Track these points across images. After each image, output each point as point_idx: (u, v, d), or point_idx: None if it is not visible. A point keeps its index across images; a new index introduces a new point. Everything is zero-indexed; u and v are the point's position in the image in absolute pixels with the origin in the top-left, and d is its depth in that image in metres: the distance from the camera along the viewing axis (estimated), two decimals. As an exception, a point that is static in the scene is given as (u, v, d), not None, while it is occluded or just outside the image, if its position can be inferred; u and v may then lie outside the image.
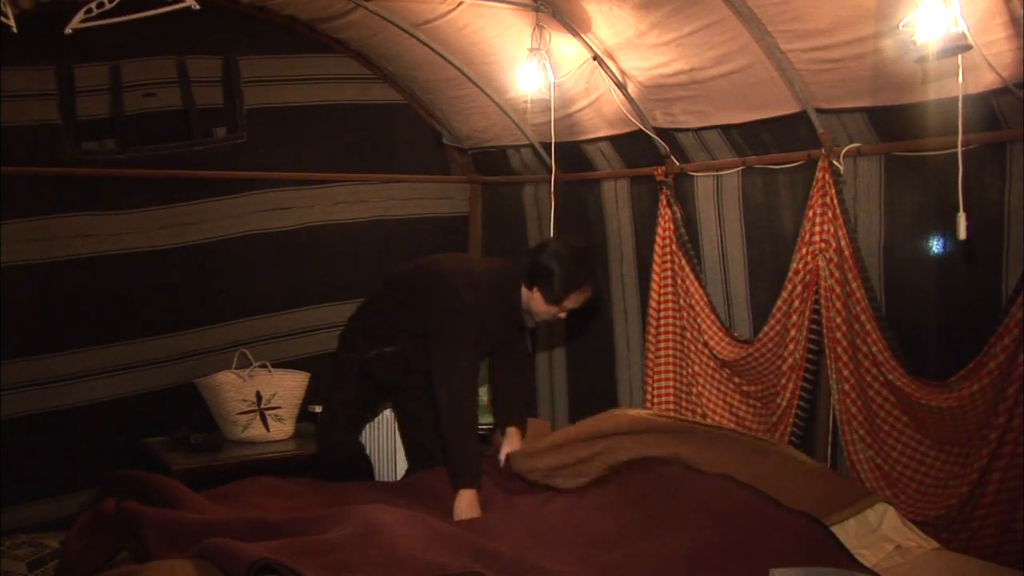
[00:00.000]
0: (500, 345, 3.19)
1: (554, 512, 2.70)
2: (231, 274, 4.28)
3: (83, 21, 2.54)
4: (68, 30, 2.54)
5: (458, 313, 2.90)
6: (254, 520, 2.44)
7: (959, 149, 2.37)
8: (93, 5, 2.52)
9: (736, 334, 3.42)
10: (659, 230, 3.67)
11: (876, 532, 2.61)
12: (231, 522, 2.40)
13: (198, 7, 2.46)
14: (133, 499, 2.56)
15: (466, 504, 2.76)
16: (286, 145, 4.39)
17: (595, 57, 3.43)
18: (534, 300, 2.96)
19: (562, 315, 3.00)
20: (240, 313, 4.30)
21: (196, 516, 2.46)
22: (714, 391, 3.53)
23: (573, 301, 2.95)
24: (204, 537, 2.23)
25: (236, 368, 3.99)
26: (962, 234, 2.39)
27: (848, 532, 2.58)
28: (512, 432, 3.18)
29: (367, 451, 3.55)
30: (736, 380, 3.45)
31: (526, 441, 3.16)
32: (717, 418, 3.52)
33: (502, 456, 3.07)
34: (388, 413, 3.74)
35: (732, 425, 3.48)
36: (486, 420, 4.15)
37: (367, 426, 3.83)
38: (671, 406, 3.72)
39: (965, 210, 2.37)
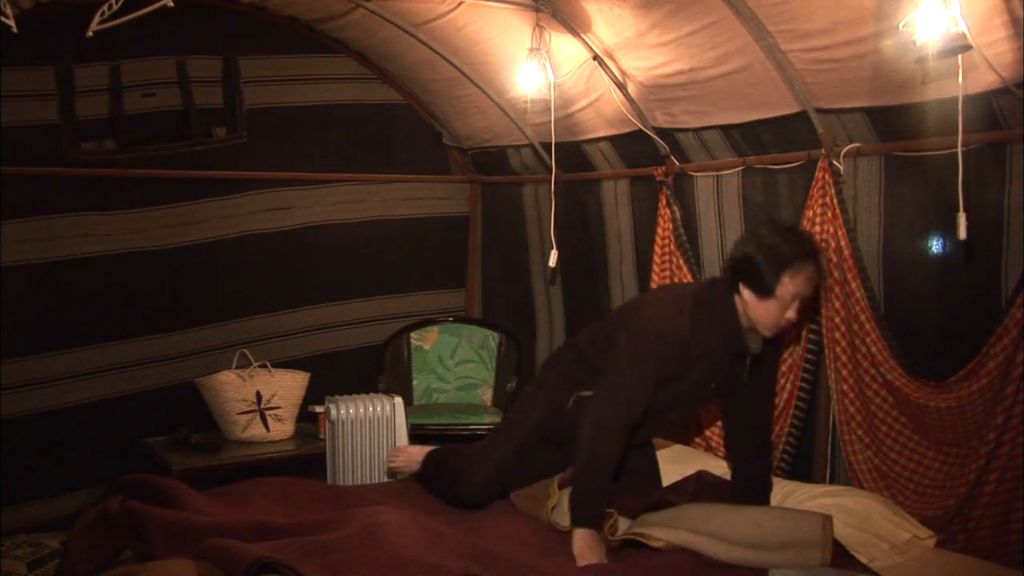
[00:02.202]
0: (733, 387, 2.58)
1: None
2: (231, 274, 4.29)
3: (100, 23, 2.56)
4: (89, 33, 2.57)
5: (645, 337, 2.43)
6: (257, 522, 2.44)
7: (959, 149, 2.36)
8: (105, 7, 2.54)
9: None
10: (659, 230, 3.67)
11: (868, 528, 2.61)
12: (234, 524, 2.40)
13: (172, 4, 2.46)
14: (137, 499, 2.56)
15: (586, 545, 2.35)
16: (286, 145, 4.39)
17: (595, 57, 3.43)
18: (749, 305, 2.39)
19: (791, 315, 2.38)
20: (240, 313, 4.31)
21: (200, 517, 2.46)
22: (709, 392, 3.53)
23: (792, 286, 2.33)
24: (207, 538, 2.23)
25: (236, 368, 3.99)
26: (962, 234, 2.39)
27: (850, 532, 2.58)
28: None
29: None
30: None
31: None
32: (710, 419, 3.52)
33: None
34: (388, 409, 3.73)
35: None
36: (487, 420, 4.15)
37: (366, 423, 3.80)
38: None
39: (965, 210, 2.37)
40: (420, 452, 3.03)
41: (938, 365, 2.72)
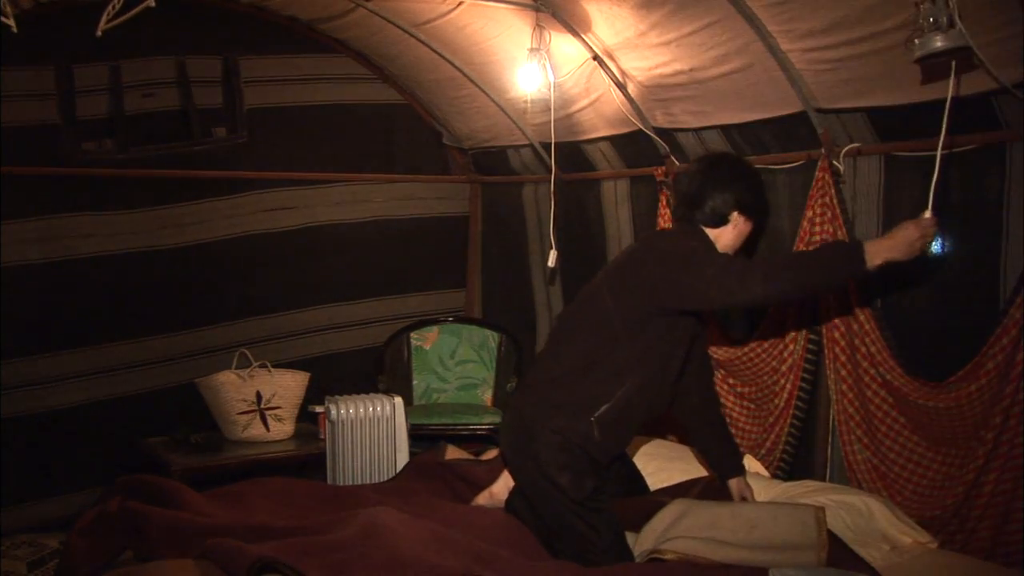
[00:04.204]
0: (704, 326, 2.66)
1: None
2: (231, 274, 4.29)
3: (108, 22, 2.57)
4: (98, 33, 2.58)
5: (690, 251, 2.36)
6: (257, 522, 2.44)
7: (938, 152, 2.31)
8: (110, 7, 2.55)
9: (732, 334, 3.42)
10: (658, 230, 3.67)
11: (872, 528, 2.61)
12: (234, 524, 2.41)
13: (153, 4, 2.48)
14: (137, 500, 2.56)
15: (892, 249, 2.25)
16: (286, 145, 4.39)
17: (595, 57, 3.43)
18: (736, 232, 2.48)
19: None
20: (240, 313, 4.31)
21: (200, 517, 2.46)
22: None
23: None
24: (208, 538, 2.23)
25: (236, 368, 3.99)
26: None
27: (851, 530, 2.59)
28: (737, 485, 2.68)
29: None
30: (731, 381, 3.44)
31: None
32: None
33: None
34: (388, 409, 3.73)
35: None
36: (487, 420, 4.15)
37: (366, 423, 3.79)
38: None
39: (935, 211, 2.32)
40: (503, 491, 2.79)
41: (937, 365, 2.72)
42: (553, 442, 2.39)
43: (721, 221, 2.48)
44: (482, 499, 2.80)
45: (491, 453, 3.28)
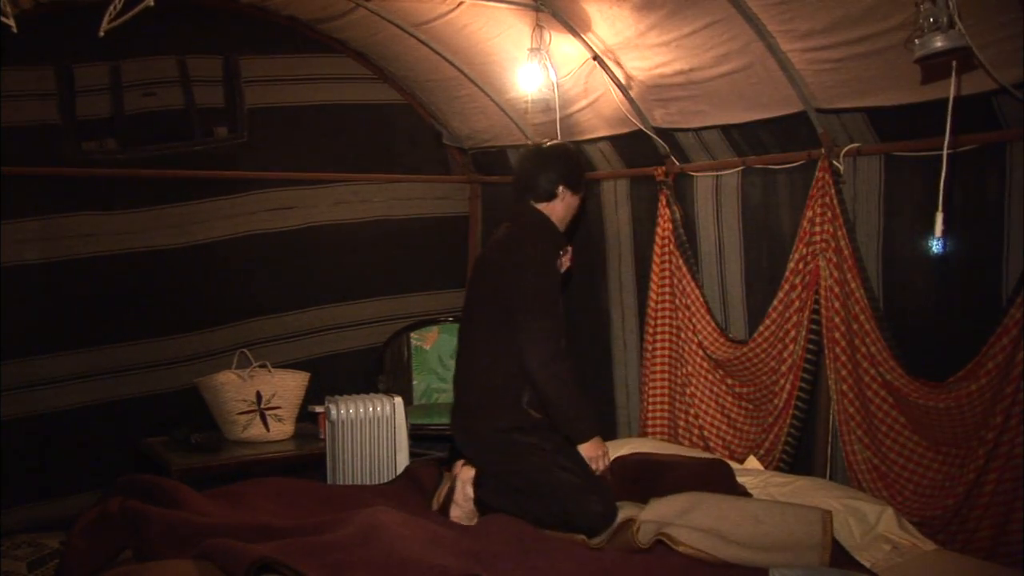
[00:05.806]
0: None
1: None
2: (231, 274, 4.29)
3: (110, 22, 2.57)
4: (100, 33, 2.59)
5: (546, 276, 2.80)
6: (257, 522, 2.44)
7: (944, 151, 2.32)
8: (112, 7, 2.55)
9: (731, 335, 3.42)
10: (658, 230, 3.67)
11: (873, 531, 2.62)
12: (234, 524, 2.41)
13: (152, 3, 2.49)
14: (137, 500, 2.56)
15: (602, 452, 2.77)
16: (287, 145, 4.39)
17: (595, 57, 3.44)
18: (566, 205, 2.94)
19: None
20: (241, 314, 4.31)
21: (200, 517, 2.46)
22: (707, 392, 3.53)
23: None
24: (208, 538, 2.23)
25: (236, 368, 3.99)
26: (937, 231, 2.37)
27: (854, 532, 2.59)
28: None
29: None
30: (729, 381, 3.44)
31: None
32: (709, 419, 3.52)
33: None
34: (388, 409, 3.72)
35: (724, 427, 3.47)
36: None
37: (366, 423, 3.79)
38: (665, 408, 3.72)
39: (944, 210, 2.32)
40: (467, 501, 2.89)
41: (937, 365, 2.72)
42: (515, 437, 2.76)
43: (550, 196, 2.90)
44: (455, 515, 2.85)
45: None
